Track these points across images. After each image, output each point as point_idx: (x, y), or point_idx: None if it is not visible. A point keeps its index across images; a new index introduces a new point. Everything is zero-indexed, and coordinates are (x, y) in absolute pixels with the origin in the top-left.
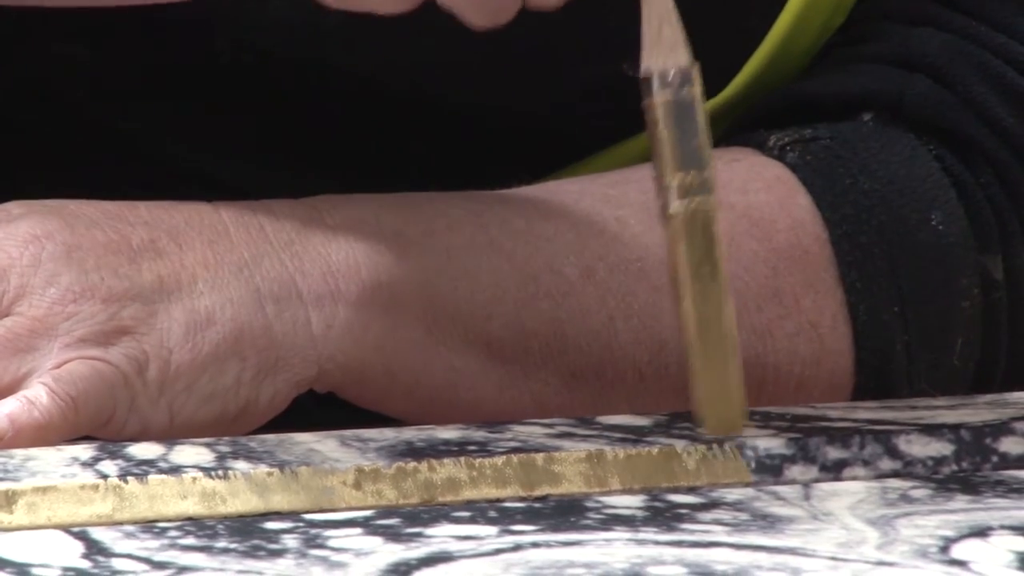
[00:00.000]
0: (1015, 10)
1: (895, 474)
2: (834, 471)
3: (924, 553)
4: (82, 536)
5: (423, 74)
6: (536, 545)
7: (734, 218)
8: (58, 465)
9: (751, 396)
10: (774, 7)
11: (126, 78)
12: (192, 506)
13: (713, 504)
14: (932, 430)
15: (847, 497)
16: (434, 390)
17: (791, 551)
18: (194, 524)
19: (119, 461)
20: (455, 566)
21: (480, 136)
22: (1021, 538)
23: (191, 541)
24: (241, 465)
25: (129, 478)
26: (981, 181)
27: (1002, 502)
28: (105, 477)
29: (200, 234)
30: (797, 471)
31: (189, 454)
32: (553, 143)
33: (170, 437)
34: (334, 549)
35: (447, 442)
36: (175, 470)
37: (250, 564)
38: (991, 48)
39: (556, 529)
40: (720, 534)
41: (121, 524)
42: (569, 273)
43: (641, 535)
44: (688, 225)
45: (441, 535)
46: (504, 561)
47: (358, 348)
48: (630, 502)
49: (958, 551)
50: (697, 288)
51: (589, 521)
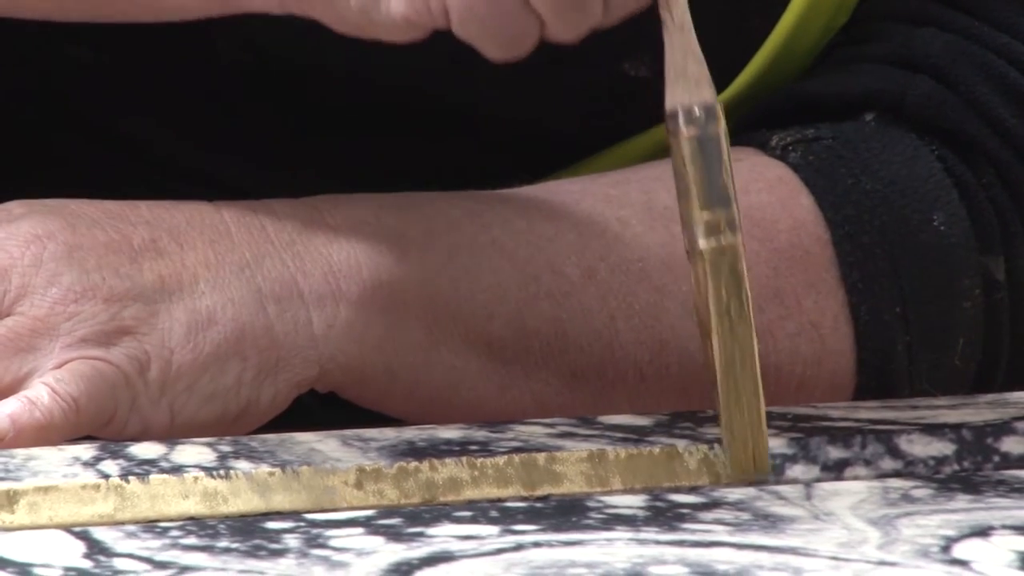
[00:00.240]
0: (1018, 10)
1: (896, 474)
2: (835, 471)
3: (925, 553)
4: (83, 536)
5: (424, 74)
6: (537, 545)
7: None
8: (59, 465)
9: None
10: (777, 7)
11: (128, 78)
12: (194, 506)
13: (714, 504)
14: (933, 430)
15: (848, 497)
16: (435, 390)
17: (792, 551)
18: (196, 524)
19: (120, 461)
20: (456, 566)
21: (481, 136)
22: (1022, 538)
23: (192, 541)
24: (242, 465)
25: (131, 478)
26: (983, 182)
27: (1003, 502)
28: (106, 477)
29: (201, 234)
30: (798, 471)
31: (190, 454)
32: (554, 143)
33: (171, 437)
34: (335, 549)
35: (449, 442)
36: (176, 470)
37: (251, 564)
38: (994, 48)
39: (557, 529)
40: (721, 534)
41: (122, 524)
42: (570, 273)
43: (642, 535)
44: (715, 264)
45: (442, 535)
46: (506, 561)
47: (359, 348)
48: (631, 502)
49: (959, 551)
50: (725, 327)
51: (590, 521)
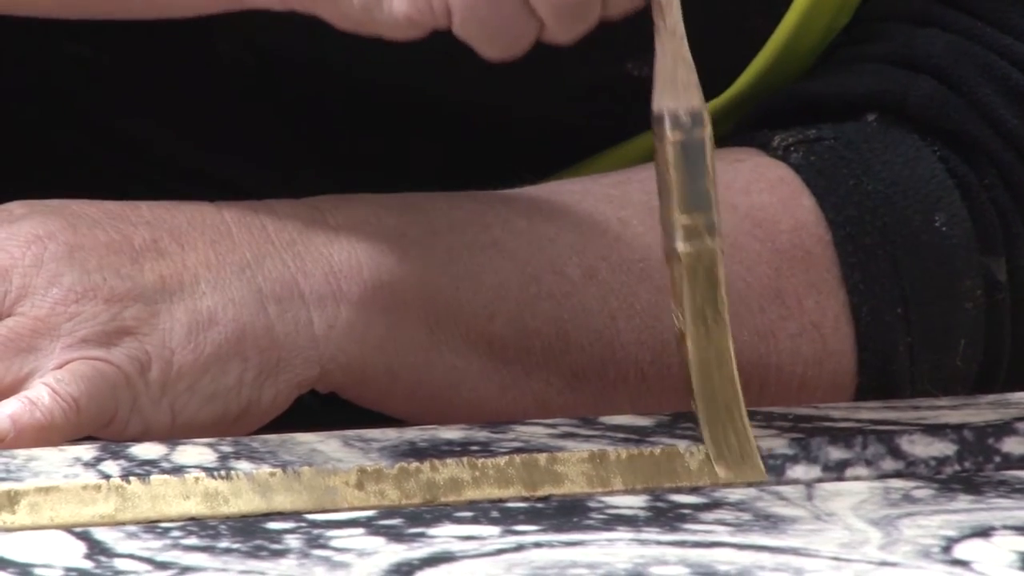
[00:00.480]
0: (1020, 12)
1: (898, 474)
2: (837, 471)
3: (926, 553)
4: (84, 536)
5: (424, 74)
6: (539, 545)
7: (737, 219)
8: (60, 465)
9: (753, 396)
10: (779, 7)
11: (128, 78)
12: (194, 506)
13: (716, 504)
14: (935, 430)
15: (850, 497)
16: (436, 390)
17: (794, 551)
18: (196, 524)
19: (121, 461)
20: (457, 566)
21: (482, 136)
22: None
23: (193, 541)
24: (243, 465)
25: (131, 478)
26: (985, 183)
27: (1005, 502)
28: (107, 477)
29: (202, 234)
30: (800, 471)
31: (191, 454)
32: (555, 143)
33: (172, 437)
34: (336, 549)
35: (450, 442)
36: (177, 470)
37: (253, 564)
38: (996, 49)
39: (559, 529)
40: (723, 534)
41: (123, 524)
42: (571, 273)
43: (644, 535)
44: (691, 268)
45: (443, 535)
46: (506, 561)
47: (360, 348)
48: (632, 502)
49: (960, 551)
50: (700, 331)
51: (592, 521)
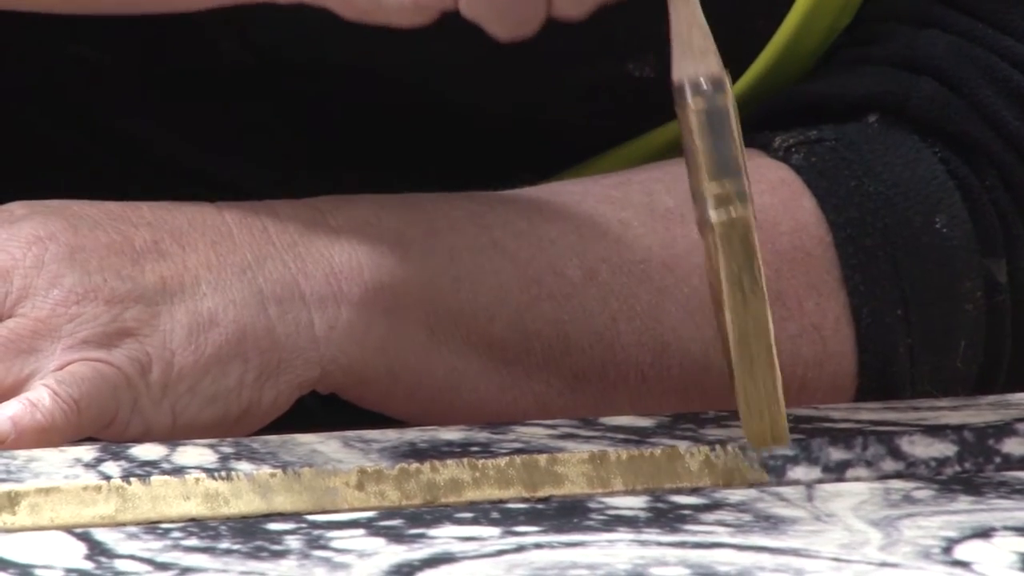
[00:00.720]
0: (1022, 13)
1: (898, 475)
2: (837, 472)
3: (927, 554)
4: (85, 537)
5: (425, 74)
6: (539, 546)
7: None
8: (61, 466)
9: None
10: (781, 8)
11: (129, 78)
12: (195, 507)
13: (716, 505)
14: (935, 431)
15: (850, 498)
16: (436, 391)
17: (794, 552)
18: (197, 525)
19: (122, 462)
20: (458, 567)
21: (482, 136)
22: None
23: (194, 542)
24: (244, 466)
25: (132, 479)
26: (986, 184)
27: (1005, 503)
28: (108, 478)
29: (203, 235)
30: (800, 472)
31: (192, 455)
32: (555, 144)
33: (173, 438)
34: (337, 550)
35: (450, 443)
36: (178, 471)
37: (253, 565)
38: (997, 51)
39: (559, 530)
40: (723, 535)
41: (124, 525)
42: (572, 274)
43: (644, 536)
44: (726, 237)
45: (444, 536)
46: (507, 562)
47: (360, 349)
48: (633, 503)
49: (961, 552)
50: (737, 299)
51: (592, 522)
